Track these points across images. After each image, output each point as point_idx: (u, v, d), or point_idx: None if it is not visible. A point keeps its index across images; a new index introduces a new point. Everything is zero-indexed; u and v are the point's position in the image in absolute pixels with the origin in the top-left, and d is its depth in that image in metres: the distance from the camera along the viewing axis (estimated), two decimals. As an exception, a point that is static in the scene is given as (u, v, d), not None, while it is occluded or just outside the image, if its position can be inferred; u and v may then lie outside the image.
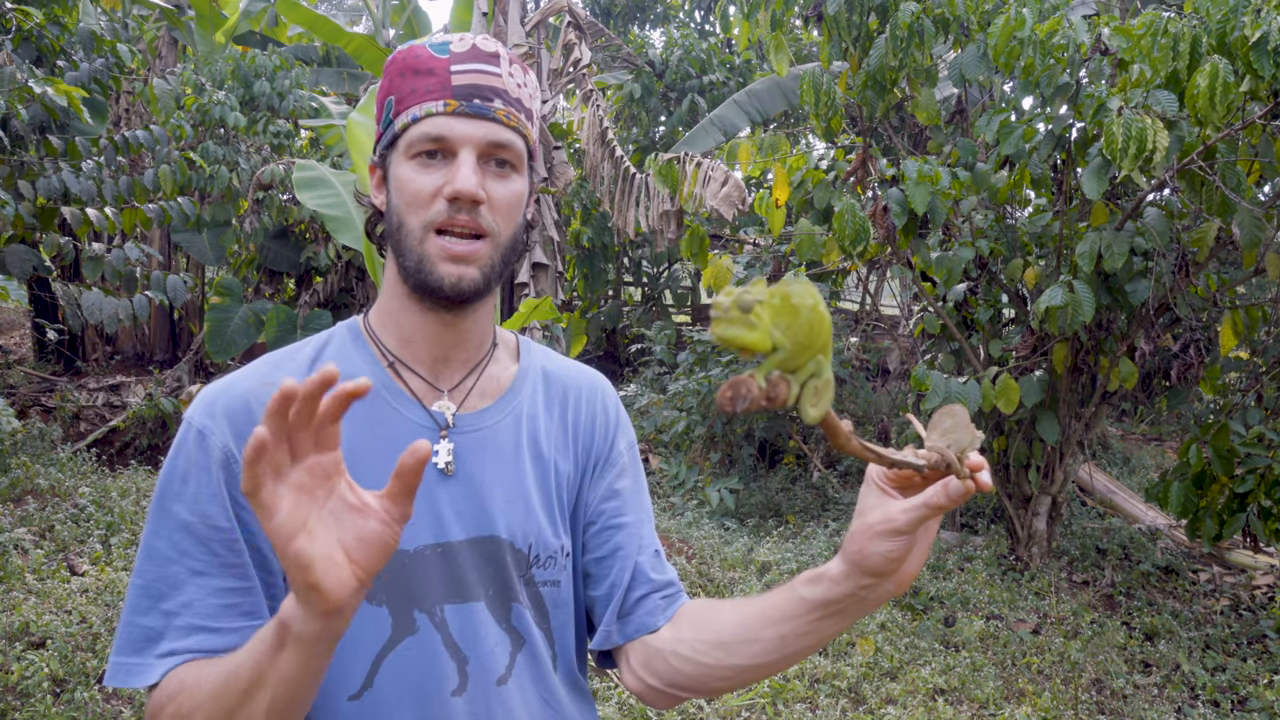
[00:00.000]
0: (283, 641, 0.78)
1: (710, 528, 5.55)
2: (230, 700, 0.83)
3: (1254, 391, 4.74)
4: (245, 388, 1.01)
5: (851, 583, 0.90)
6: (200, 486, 0.96)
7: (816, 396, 0.61)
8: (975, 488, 0.83)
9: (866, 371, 8.80)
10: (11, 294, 8.91)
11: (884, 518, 0.86)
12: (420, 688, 1.01)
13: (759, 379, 0.58)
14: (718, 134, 7.65)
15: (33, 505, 4.84)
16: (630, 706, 3.46)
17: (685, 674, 1.05)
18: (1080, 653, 4.11)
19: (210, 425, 0.98)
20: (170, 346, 8.99)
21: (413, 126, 1.01)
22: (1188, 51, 3.55)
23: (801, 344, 0.59)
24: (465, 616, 1.03)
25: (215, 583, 0.94)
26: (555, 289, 6.77)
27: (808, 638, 0.96)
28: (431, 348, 1.07)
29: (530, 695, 1.07)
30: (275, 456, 0.72)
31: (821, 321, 0.61)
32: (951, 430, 0.84)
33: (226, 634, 0.93)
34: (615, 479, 1.16)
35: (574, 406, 1.16)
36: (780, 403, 0.59)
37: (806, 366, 0.60)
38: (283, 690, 0.81)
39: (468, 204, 0.99)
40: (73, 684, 3.26)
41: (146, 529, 0.96)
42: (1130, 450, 8.36)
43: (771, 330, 0.57)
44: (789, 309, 0.58)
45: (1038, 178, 4.61)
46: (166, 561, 0.94)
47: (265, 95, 7.58)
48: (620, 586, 1.11)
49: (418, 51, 1.03)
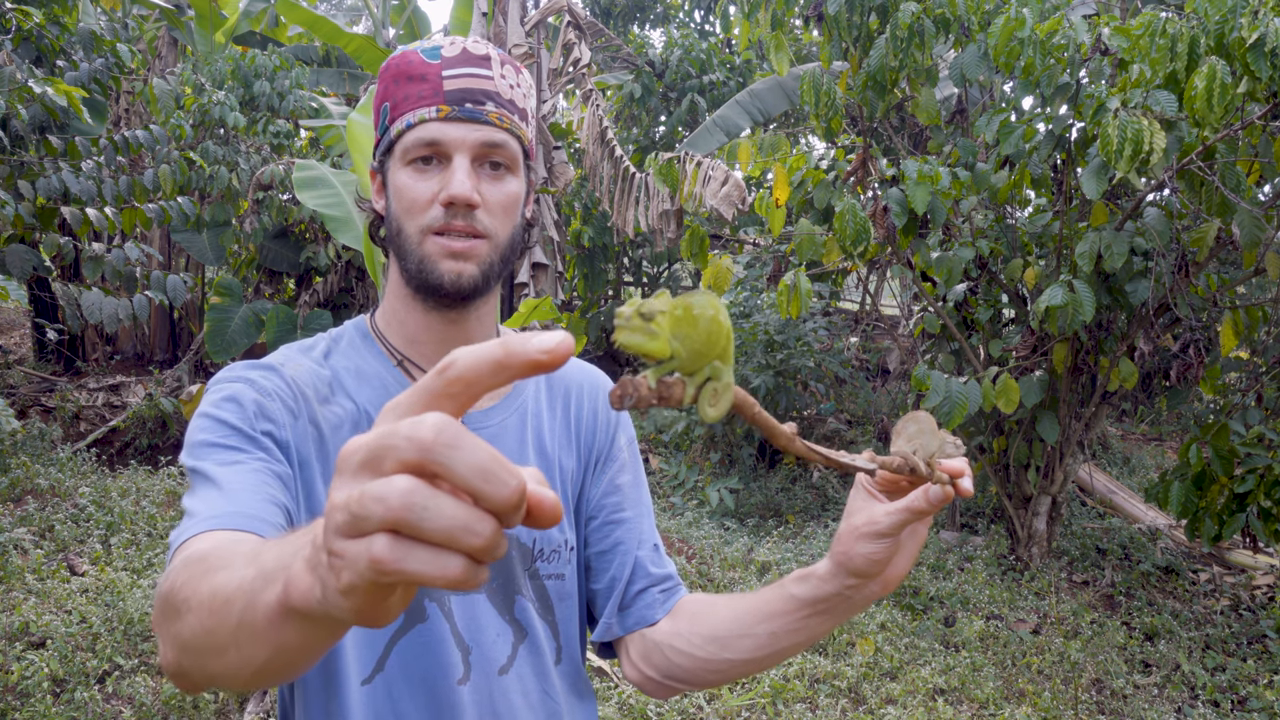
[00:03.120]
0: (289, 618, 0.62)
1: (710, 528, 5.55)
2: (222, 634, 0.65)
3: (1254, 391, 4.74)
4: (272, 364, 1.04)
5: (838, 582, 0.92)
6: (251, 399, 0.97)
7: (715, 398, 0.65)
8: (955, 493, 0.84)
9: (866, 371, 8.81)
10: (11, 294, 8.91)
11: (868, 520, 0.88)
12: (429, 675, 1.03)
13: (650, 380, 0.61)
14: (720, 135, 7.65)
15: (33, 505, 4.84)
16: (630, 706, 3.46)
17: (682, 666, 1.08)
18: (1080, 653, 4.11)
19: (254, 375, 1.01)
20: (170, 346, 8.99)
21: (407, 133, 1.03)
22: (1186, 52, 3.55)
23: (698, 350, 0.63)
24: (467, 607, 1.05)
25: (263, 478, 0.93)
26: (555, 289, 6.77)
27: (797, 634, 0.99)
28: (437, 347, 1.09)
29: (530, 686, 1.09)
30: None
31: (719, 330, 0.64)
32: (916, 435, 0.86)
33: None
34: (616, 474, 1.18)
35: (576, 404, 1.18)
36: (674, 402, 0.63)
37: (703, 370, 0.64)
38: (280, 656, 0.65)
39: (463, 208, 1.02)
40: (73, 684, 3.26)
41: (192, 458, 0.93)
42: (1130, 450, 8.36)
43: (670, 339, 0.61)
44: (689, 319, 0.62)
45: (1038, 178, 4.61)
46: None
47: (265, 95, 7.58)
48: (620, 580, 1.14)
49: (410, 57, 1.05)
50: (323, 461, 1.02)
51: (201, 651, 0.65)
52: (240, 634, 0.59)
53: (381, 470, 0.45)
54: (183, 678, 0.70)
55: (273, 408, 0.98)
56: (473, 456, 0.44)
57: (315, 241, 7.62)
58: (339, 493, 0.46)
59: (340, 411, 1.04)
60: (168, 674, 0.72)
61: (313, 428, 1.01)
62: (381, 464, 0.45)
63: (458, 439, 0.44)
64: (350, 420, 1.04)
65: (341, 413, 1.04)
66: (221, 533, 0.82)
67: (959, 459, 0.86)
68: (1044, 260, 4.78)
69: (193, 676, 0.69)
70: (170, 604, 0.69)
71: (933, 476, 0.83)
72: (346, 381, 1.07)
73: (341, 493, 0.46)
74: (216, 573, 0.66)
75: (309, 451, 1.00)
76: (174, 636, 0.68)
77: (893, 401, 7.84)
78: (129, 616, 3.67)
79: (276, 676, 0.63)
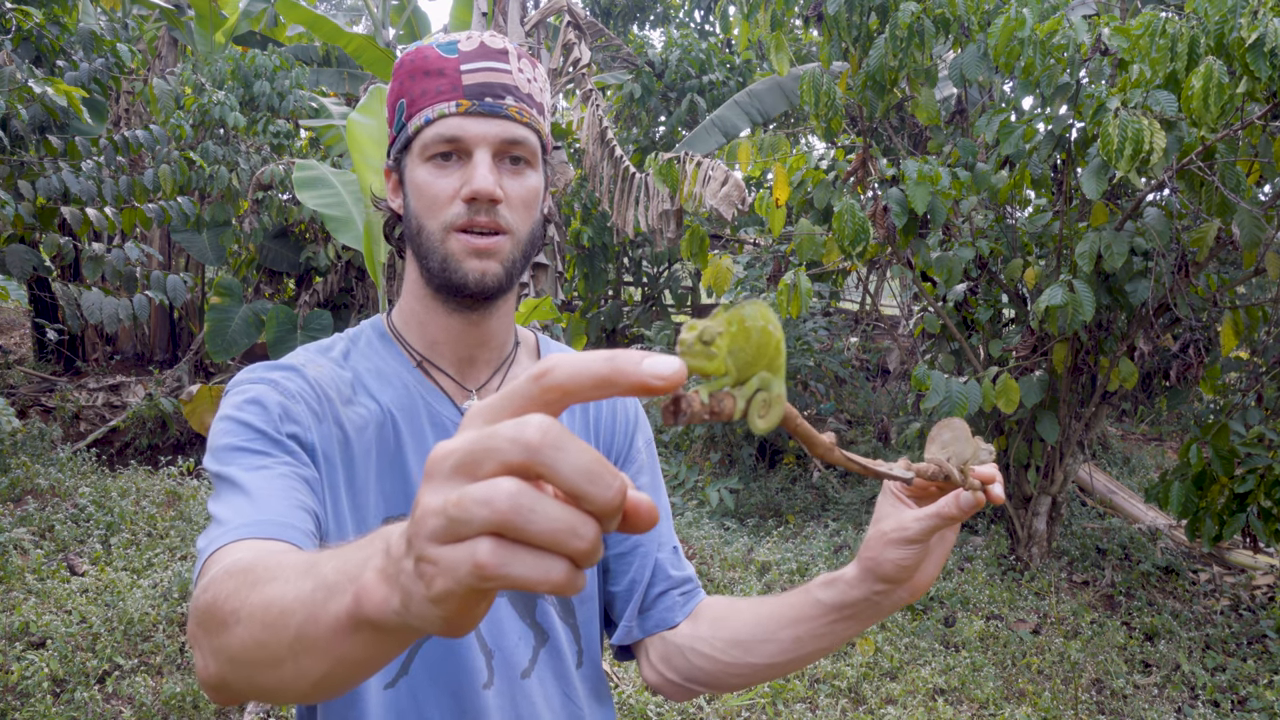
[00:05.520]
0: (358, 630, 0.57)
1: (710, 528, 5.55)
2: (277, 647, 0.63)
3: (1254, 391, 4.74)
4: (293, 364, 1.03)
5: (865, 588, 0.92)
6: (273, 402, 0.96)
7: (765, 409, 0.65)
8: (986, 499, 0.84)
9: (866, 371, 8.80)
10: (11, 294, 8.91)
11: (897, 526, 0.88)
12: (454, 679, 1.02)
13: (703, 395, 0.61)
14: (719, 135, 7.65)
15: (33, 505, 4.84)
16: (630, 706, 3.46)
17: (703, 670, 1.07)
18: (1080, 653, 4.11)
19: (276, 376, 0.99)
20: (170, 346, 8.98)
21: (426, 129, 1.01)
22: (1185, 52, 3.55)
23: (748, 361, 0.63)
24: (490, 612, 1.04)
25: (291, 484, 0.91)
26: (555, 289, 6.77)
27: (822, 639, 0.98)
28: (457, 348, 1.08)
29: (551, 690, 1.08)
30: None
31: (769, 340, 0.64)
32: (951, 443, 0.86)
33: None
34: (635, 476, 1.17)
35: (595, 406, 1.17)
36: (725, 416, 0.62)
37: (752, 382, 0.64)
38: (340, 669, 0.61)
39: (486, 204, 1.00)
40: (73, 684, 3.26)
41: (217, 464, 0.92)
42: (1130, 450, 8.36)
43: (726, 357, 0.61)
44: (742, 332, 0.62)
45: (1038, 178, 4.61)
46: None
47: (265, 95, 7.58)
48: (641, 583, 1.13)
49: (426, 53, 1.03)
50: (347, 463, 1.00)
51: (253, 665, 0.63)
52: (299, 646, 0.58)
53: (480, 474, 0.43)
54: (223, 690, 0.68)
55: (297, 410, 0.96)
56: (578, 459, 0.43)
57: (315, 241, 7.62)
58: (433, 497, 0.44)
59: (364, 412, 1.03)
60: (206, 686, 0.70)
61: (337, 429, 1.00)
62: (480, 467, 0.43)
63: (563, 440, 0.43)
64: (374, 421, 1.03)
65: (365, 414, 1.03)
66: (255, 542, 0.80)
67: (990, 465, 0.86)
68: (1044, 260, 4.78)
69: (236, 689, 0.67)
70: (215, 616, 0.67)
71: (966, 483, 0.84)
72: (369, 382, 1.05)
73: (436, 497, 0.44)
74: (267, 584, 0.64)
75: (334, 453, 0.99)
76: (219, 649, 0.66)
77: (893, 401, 7.84)
78: (129, 616, 3.67)
79: (332, 690, 0.62)
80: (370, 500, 1.01)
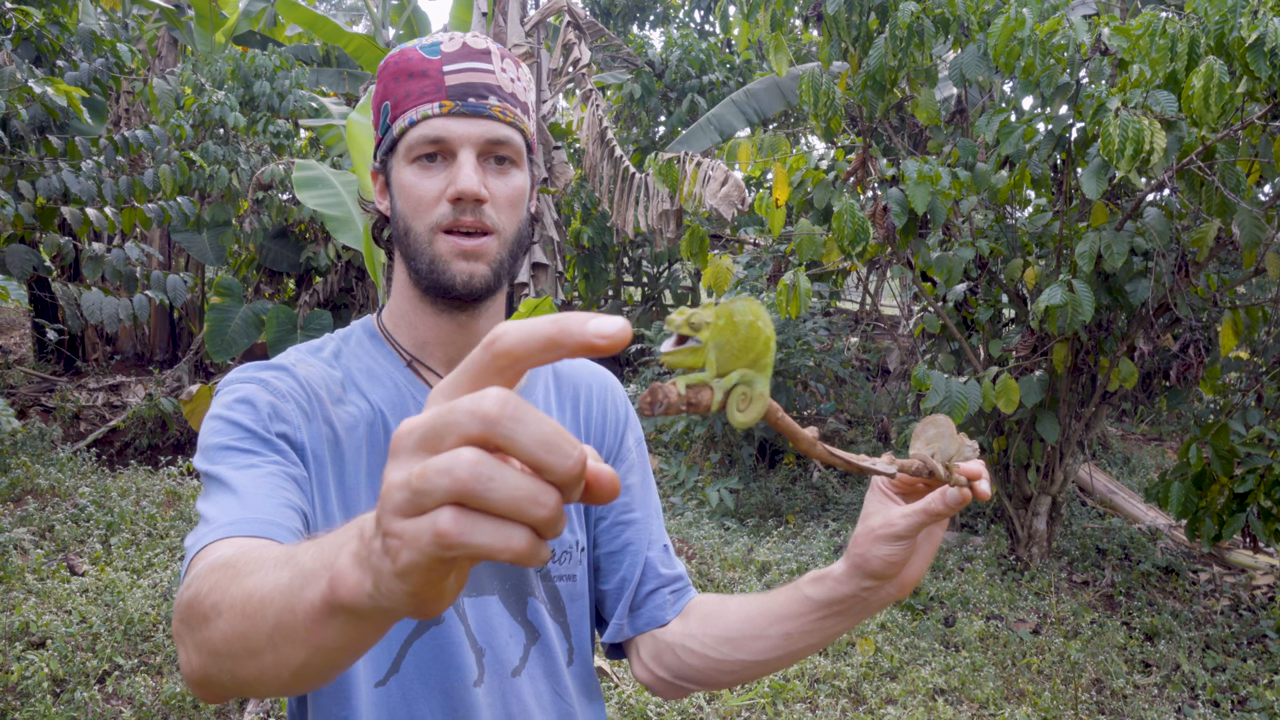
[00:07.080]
0: (333, 615, 0.57)
1: (710, 528, 5.55)
2: (256, 638, 0.63)
3: (1254, 391, 4.74)
4: (284, 364, 1.03)
5: (854, 584, 0.92)
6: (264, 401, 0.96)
7: (745, 402, 0.64)
8: (972, 495, 0.84)
9: (866, 371, 8.80)
10: (11, 294, 8.91)
11: (884, 522, 0.88)
12: (444, 677, 1.02)
13: (680, 386, 0.61)
14: (714, 133, 7.66)
15: (33, 505, 4.84)
16: (630, 706, 3.46)
17: (693, 667, 1.08)
18: (1080, 653, 4.11)
19: (266, 376, 0.99)
20: (170, 346, 8.99)
21: (410, 130, 1.02)
22: (1185, 52, 3.55)
23: (734, 355, 0.63)
24: (481, 609, 1.05)
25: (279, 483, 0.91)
26: (555, 289, 6.77)
27: (811, 636, 0.98)
28: (447, 348, 1.09)
29: (542, 688, 1.09)
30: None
31: (757, 336, 0.64)
32: (935, 439, 0.86)
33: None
34: (625, 475, 1.17)
35: (585, 404, 1.18)
36: (703, 408, 0.62)
37: (731, 376, 0.64)
38: (318, 657, 0.61)
39: (471, 203, 1.00)
40: (73, 684, 3.26)
41: (206, 462, 0.92)
42: (1130, 450, 8.36)
43: (709, 349, 0.61)
44: (730, 326, 0.62)
45: (1038, 178, 4.61)
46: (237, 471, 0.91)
47: (265, 95, 7.58)
48: (631, 581, 1.14)
49: (409, 54, 1.04)
50: (337, 462, 1.01)
51: (233, 656, 0.64)
52: (277, 635, 0.58)
53: (441, 447, 0.44)
54: (208, 685, 0.69)
55: (286, 409, 0.96)
56: (537, 429, 0.44)
57: (315, 241, 7.62)
58: (396, 473, 0.45)
59: (355, 411, 1.03)
60: (191, 683, 0.70)
61: (327, 428, 1.00)
62: (442, 441, 0.44)
63: (521, 411, 0.43)
64: (365, 420, 1.03)
65: (356, 413, 1.03)
66: (241, 539, 0.81)
67: (976, 462, 0.87)
68: (1044, 260, 4.77)
69: (220, 683, 0.68)
70: (196, 610, 0.68)
71: (951, 479, 0.84)
72: (359, 381, 1.06)
73: (399, 472, 0.45)
74: (247, 577, 0.65)
75: (324, 452, 0.99)
76: (202, 643, 0.67)
77: (893, 401, 7.84)
78: (129, 616, 3.67)
79: (313, 680, 0.62)
80: (361, 499, 1.01)
